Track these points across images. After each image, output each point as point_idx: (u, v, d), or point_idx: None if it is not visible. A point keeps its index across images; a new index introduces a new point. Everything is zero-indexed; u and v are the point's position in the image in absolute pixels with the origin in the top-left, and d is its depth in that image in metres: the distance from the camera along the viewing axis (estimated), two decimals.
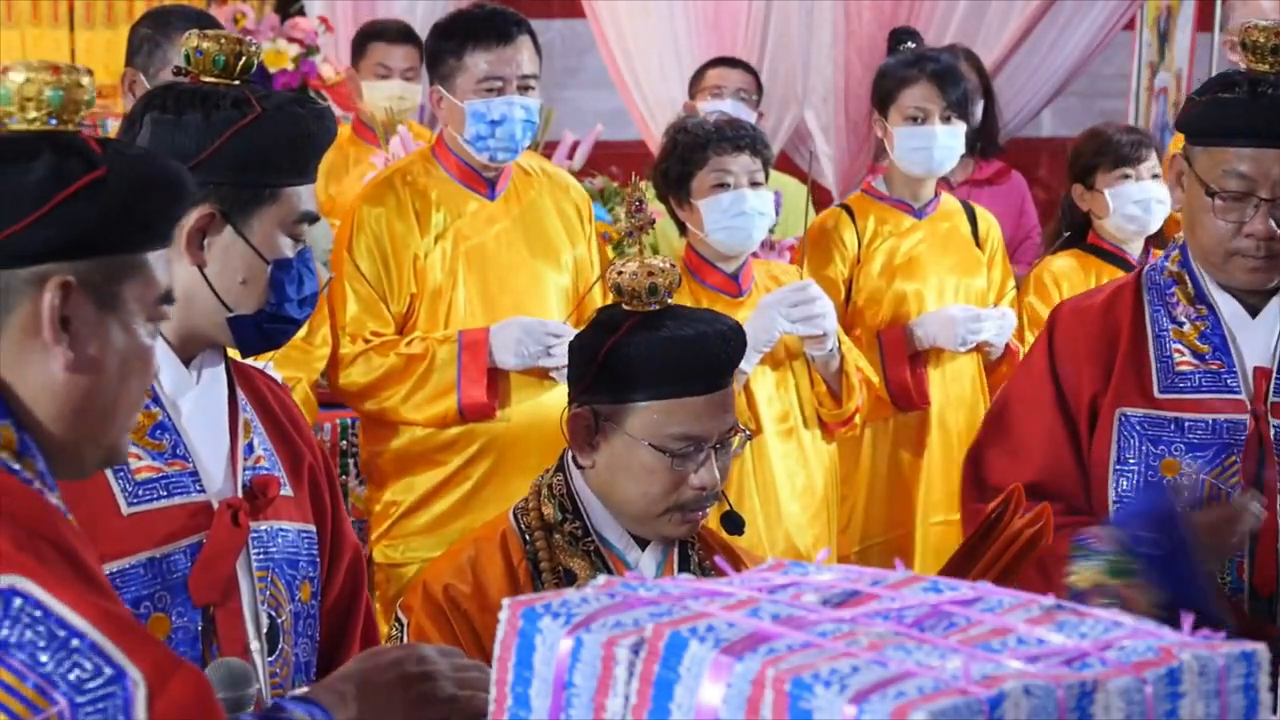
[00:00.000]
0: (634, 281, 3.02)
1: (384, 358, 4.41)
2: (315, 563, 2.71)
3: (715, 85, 6.43)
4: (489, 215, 4.53)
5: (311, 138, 2.61)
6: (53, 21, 7.99)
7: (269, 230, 2.58)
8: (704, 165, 4.56)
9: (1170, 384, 3.16)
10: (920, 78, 5.16)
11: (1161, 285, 3.23)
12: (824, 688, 1.44)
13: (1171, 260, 3.26)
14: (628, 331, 3.01)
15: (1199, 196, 3.14)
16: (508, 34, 4.44)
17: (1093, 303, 3.30)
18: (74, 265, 1.88)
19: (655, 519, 3.04)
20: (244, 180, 2.56)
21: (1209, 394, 3.16)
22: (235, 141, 2.55)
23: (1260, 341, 3.19)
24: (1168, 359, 3.17)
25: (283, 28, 7.05)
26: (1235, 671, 1.56)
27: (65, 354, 1.88)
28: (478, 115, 4.41)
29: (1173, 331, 3.19)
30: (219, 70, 2.60)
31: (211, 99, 2.57)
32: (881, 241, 5.16)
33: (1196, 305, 3.20)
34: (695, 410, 3.01)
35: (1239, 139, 3.09)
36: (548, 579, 3.03)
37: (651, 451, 3.00)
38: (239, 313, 2.59)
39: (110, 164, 1.90)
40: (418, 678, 2.22)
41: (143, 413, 2.57)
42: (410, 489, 4.51)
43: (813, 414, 4.68)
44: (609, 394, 3.03)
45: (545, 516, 3.08)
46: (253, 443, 2.66)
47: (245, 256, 2.58)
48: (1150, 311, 3.21)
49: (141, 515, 2.53)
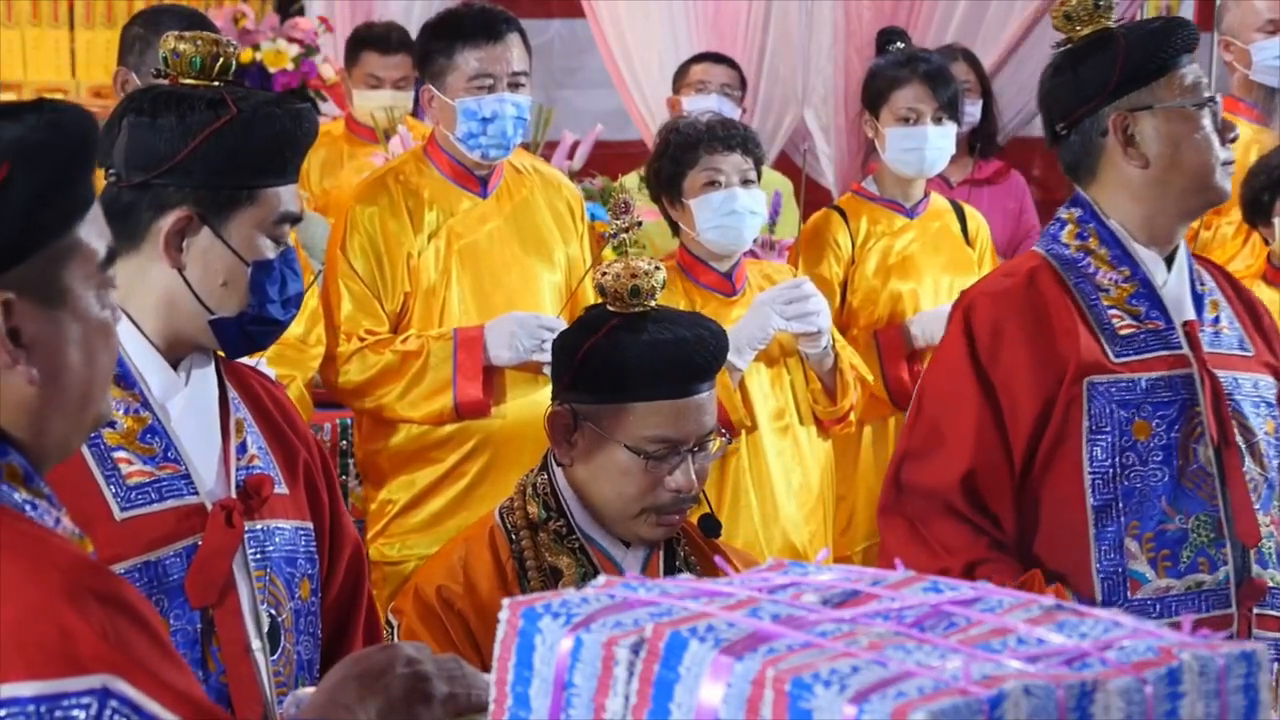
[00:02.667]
0: (616, 283, 3.05)
1: (379, 355, 4.42)
2: (314, 559, 2.71)
3: (700, 81, 6.43)
4: (481, 214, 4.54)
5: (289, 138, 2.59)
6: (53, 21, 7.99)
7: (248, 232, 2.57)
8: (695, 164, 4.58)
9: (1122, 348, 3.17)
10: (912, 78, 5.17)
11: (1073, 259, 3.23)
12: (824, 688, 1.44)
13: (1067, 234, 3.25)
14: (608, 332, 3.03)
15: (1174, 129, 3.17)
16: (497, 32, 4.46)
17: (1010, 285, 3.26)
18: (7, 278, 1.71)
19: (631, 520, 3.05)
20: (220, 183, 2.55)
21: (1158, 352, 3.17)
22: (210, 144, 2.53)
23: (1179, 293, 3.23)
24: (1109, 325, 3.18)
25: (283, 28, 7.05)
26: (1235, 671, 1.56)
27: (28, 372, 1.74)
28: (469, 113, 4.43)
29: (1103, 299, 3.19)
30: (196, 72, 2.59)
31: (187, 101, 2.55)
32: (875, 242, 5.18)
33: (1118, 268, 3.21)
34: (671, 413, 3.02)
35: (1182, 54, 3.19)
36: (534, 577, 3.04)
37: (627, 453, 3.01)
38: (221, 315, 2.58)
39: (9, 154, 1.69)
40: (412, 678, 2.22)
41: (132, 417, 2.57)
42: (406, 486, 4.52)
43: (808, 411, 4.69)
44: (587, 394, 3.05)
45: (530, 515, 3.09)
46: (245, 442, 2.65)
47: (225, 259, 2.56)
48: (1074, 282, 3.21)
49: (134, 520, 2.53)
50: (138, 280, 2.57)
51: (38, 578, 1.68)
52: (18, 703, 1.62)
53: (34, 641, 1.64)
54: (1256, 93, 5.85)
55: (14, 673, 1.63)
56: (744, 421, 4.56)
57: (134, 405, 2.57)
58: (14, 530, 1.71)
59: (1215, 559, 3.16)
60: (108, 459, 2.54)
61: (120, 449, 2.55)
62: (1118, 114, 3.18)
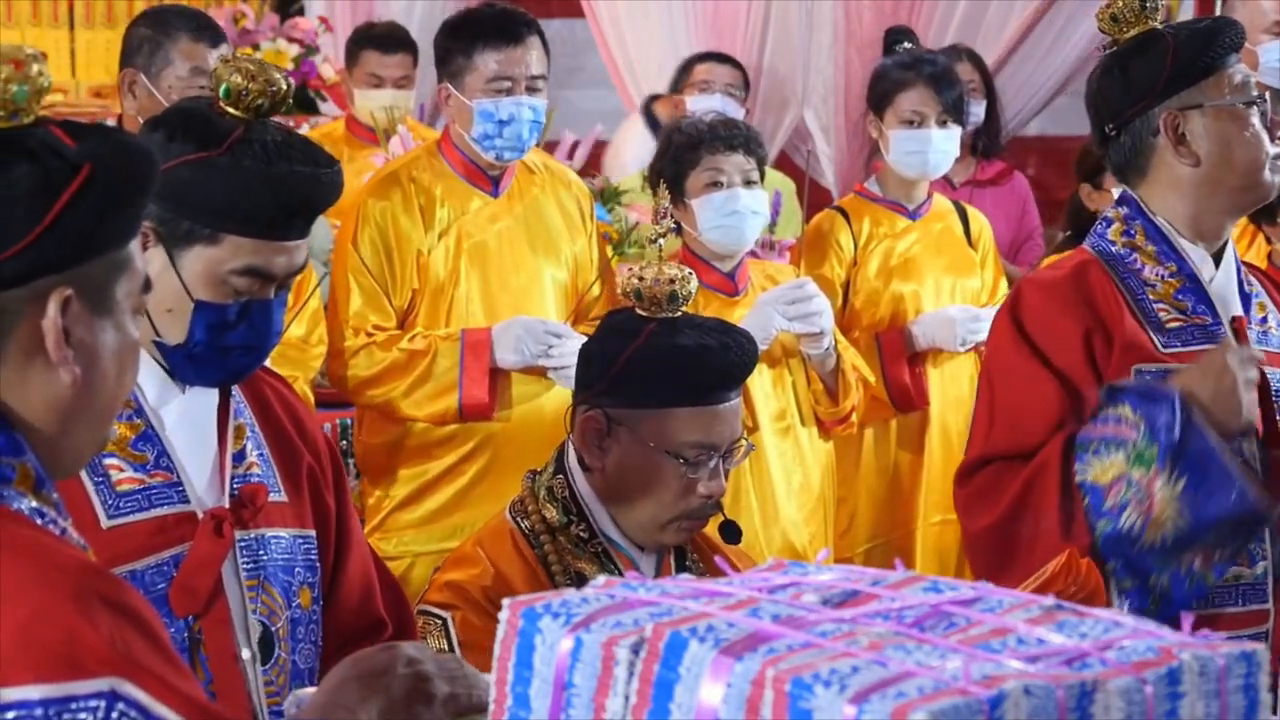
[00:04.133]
0: (655, 288, 3.05)
1: (386, 352, 4.42)
2: (314, 568, 2.68)
3: (703, 80, 6.43)
4: (492, 213, 4.54)
5: (277, 198, 2.51)
6: (53, 21, 7.98)
7: (200, 270, 2.52)
8: (697, 165, 4.58)
9: (1169, 340, 3.18)
10: (917, 81, 5.17)
11: (1120, 255, 3.25)
12: (824, 688, 1.44)
13: (1113, 232, 3.27)
14: (647, 338, 3.02)
15: (1225, 127, 3.18)
16: (517, 34, 4.45)
17: (1057, 275, 3.27)
18: (70, 275, 1.77)
19: (660, 527, 3.05)
20: (180, 213, 2.50)
21: (1205, 345, 3.17)
22: (182, 171, 2.48)
23: (1227, 292, 3.23)
24: (1156, 319, 3.19)
25: (283, 28, 7.05)
26: (1235, 671, 1.56)
27: (73, 371, 1.78)
28: (486, 115, 4.43)
29: (1150, 293, 3.20)
30: (225, 98, 2.53)
31: (193, 122, 2.52)
32: (877, 243, 5.17)
33: (1164, 264, 3.22)
34: (710, 419, 3.03)
35: (1230, 54, 3.19)
36: (560, 581, 3.03)
37: (667, 458, 3.01)
38: (164, 340, 2.55)
39: (91, 158, 1.77)
40: (413, 678, 2.21)
41: (126, 424, 2.55)
42: (405, 482, 4.52)
43: (809, 412, 4.69)
44: (625, 399, 3.04)
45: (548, 519, 3.08)
46: (245, 449, 2.63)
47: (173, 286, 2.52)
48: (1121, 276, 3.22)
49: (121, 528, 2.51)
50: None
51: (45, 582, 1.69)
52: (26, 705, 1.63)
53: (42, 645, 1.65)
54: None
55: (22, 676, 1.64)
56: (745, 422, 4.56)
57: (127, 411, 2.55)
58: (22, 536, 1.72)
59: (1254, 553, 3.16)
60: (98, 465, 2.52)
61: (112, 455, 2.53)
62: (1168, 113, 3.21)
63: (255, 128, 2.52)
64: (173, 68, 4.54)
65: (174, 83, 4.52)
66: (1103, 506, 2.98)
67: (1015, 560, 3.09)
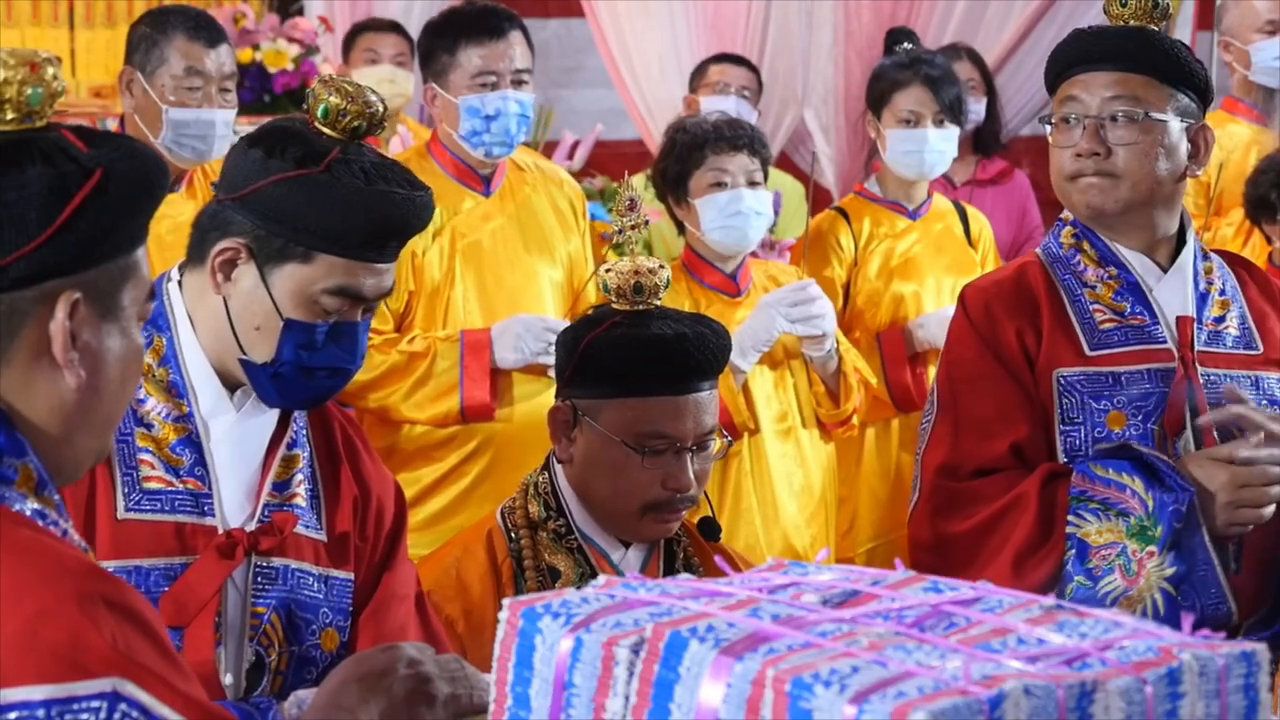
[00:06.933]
0: (620, 280, 3.05)
1: (385, 355, 4.41)
2: (346, 613, 2.64)
3: (718, 81, 6.43)
4: (485, 212, 4.55)
5: (373, 219, 2.50)
6: (53, 21, 7.98)
7: (292, 288, 2.51)
8: (701, 164, 4.58)
9: (1098, 341, 3.19)
10: (914, 81, 5.18)
11: (1064, 257, 3.27)
12: (824, 688, 1.44)
13: (1065, 234, 3.30)
14: (608, 328, 3.03)
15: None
16: (499, 29, 4.47)
17: (1001, 278, 3.32)
18: (79, 278, 1.78)
19: (630, 519, 3.05)
20: (277, 230, 2.50)
21: (1137, 346, 3.18)
22: (279, 188, 2.48)
23: (1177, 293, 3.23)
24: (1089, 319, 3.20)
25: (283, 28, 7.04)
26: (1235, 671, 1.56)
27: (78, 374, 1.79)
28: (472, 110, 4.44)
29: (1087, 294, 3.22)
30: (322, 118, 2.52)
31: (292, 141, 2.51)
32: (878, 244, 5.18)
33: (1105, 266, 3.23)
34: (670, 410, 3.02)
35: (1073, 68, 3.29)
36: (530, 576, 3.04)
37: (623, 448, 3.01)
38: (250, 358, 2.54)
39: (104, 164, 1.79)
40: (414, 679, 2.21)
41: (171, 425, 2.55)
42: (407, 485, 4.50)
43: (811, 414, 4.69)
44: (586, 388, 3.05)
45: (531, 514, 3.09)
46: (292, 480, 2.60)
47: (264, 303, 2.52)
48: (1060, 277, 3.24)
49: (135, 523, 2.50)
50: (202, 296, 2.57)
51: (47, 583, 1.69)
52: (29, 706, 1.63)
53: (44, 646, 1.66)
54: (1256, 93, 5.85)
55: (25, 677, 1.64)
56: (747, 423, 4.56)
57: (177, 414, 2.55)
58: (24, 537, 1.73)
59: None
60: (130, 458, 2.52)
61: (147, 451, 2.53)
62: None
63: (351, 149, 2.52)
64: (168, 66, 4.53)
65: (169, 81, 4.52)
66: (1086, 564, 3.02)
67: (955, 573, 3.11)
